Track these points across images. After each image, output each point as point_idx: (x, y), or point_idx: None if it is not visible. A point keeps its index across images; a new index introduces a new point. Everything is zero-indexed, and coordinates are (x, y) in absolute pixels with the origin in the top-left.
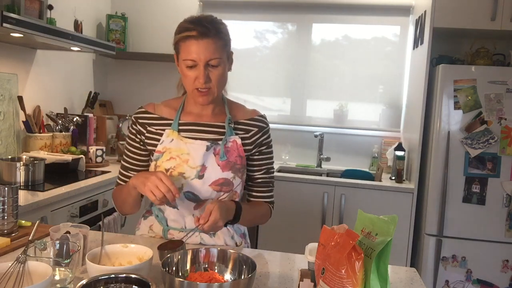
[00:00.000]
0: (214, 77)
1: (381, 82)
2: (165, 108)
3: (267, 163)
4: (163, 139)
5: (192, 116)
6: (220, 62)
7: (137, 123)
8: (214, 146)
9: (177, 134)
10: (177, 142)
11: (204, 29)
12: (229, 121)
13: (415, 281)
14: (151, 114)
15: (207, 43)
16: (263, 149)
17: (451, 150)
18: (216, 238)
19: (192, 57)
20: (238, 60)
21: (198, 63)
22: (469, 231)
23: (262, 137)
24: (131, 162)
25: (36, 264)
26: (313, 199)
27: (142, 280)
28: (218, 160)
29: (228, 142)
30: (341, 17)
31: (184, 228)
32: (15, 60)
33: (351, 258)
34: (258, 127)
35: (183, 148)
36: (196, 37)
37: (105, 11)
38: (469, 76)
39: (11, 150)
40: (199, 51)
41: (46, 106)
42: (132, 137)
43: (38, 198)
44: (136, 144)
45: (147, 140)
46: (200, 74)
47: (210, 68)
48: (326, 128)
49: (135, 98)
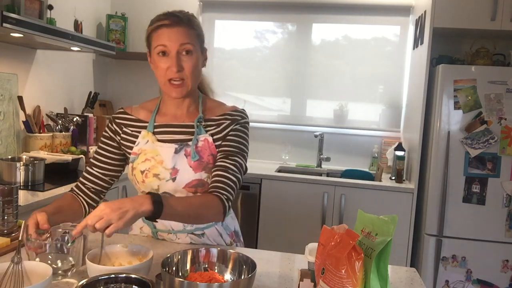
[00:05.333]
0: (188, 66)
1: (381, 82)
2: (141, 110)
3: (229, 150)
4: (139, 141)
5: (167, 117)
6: (193, 50)
7: (113, 123)
8: (185, 148)
9: (152, 135)
10: (152, 144)
11: (176, 18)
12: (198, 120)
13: (415, 281)
14: (128, 115)
15: (178, 31)
16: (228, 136)
17: (451, 150)
18: (205, 238)
19: (162, 42)
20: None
21: (170, 50)
22: (469, 231)
23: (232, 127)
24: (99, 159)
25: (36, 264)
26: (313, 199)
27: (142, 280)
28: (190, 161)
29: (199, 141)
30: (341, 17)
31: (172, 230)
32: (15, 60)
33: (351, 258)
34: (231, 119)
35: (156, 150)
36: (167, 25)
37: (105, 11)
38: (469, 76)
39: (11, 150)
40: (171, 37)
41: (46, 106)
42: (106, 135)
43: (38, 198)
44: (110, 142)
45: (122, 141)
46: (172, 63)
47: (183, 56)
48: (326, 128)
49: (135, 98)
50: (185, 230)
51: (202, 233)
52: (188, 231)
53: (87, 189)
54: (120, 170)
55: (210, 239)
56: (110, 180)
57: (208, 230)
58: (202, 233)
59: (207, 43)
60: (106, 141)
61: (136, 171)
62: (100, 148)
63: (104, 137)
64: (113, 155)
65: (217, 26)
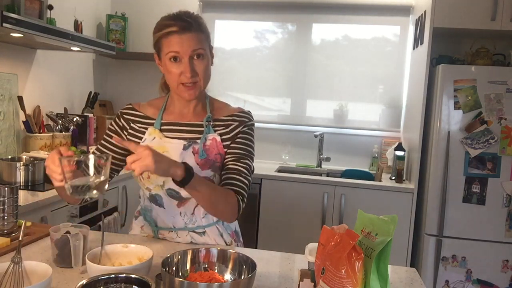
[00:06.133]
0: (200, 70)
1: (381, 82)
2: (149, 107)
3: (239, 153)
4: (146, 137)
5: (174, 115)
6: (204, 53)
7: (121, 118)
8: (193, 145)
9: (159, 132)
10: (159, 141)
11: (185, 23)
12: (207, 119)
13: (415, 281)
14: (136, 111)
15: (190, 37)
16: (238, 138)
17: (451, 150)
18: (206, 237)
19: (175, 49)
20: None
21: (183, 56)
22: (469, 231)
23: (240, 129)
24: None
25: (35, 264)
26: (313, 199)
27: (142, 280)
28: (198, 159)
29: (208, 140)
30: (341, 17)
31: (173, 228)
32: (15, 60)
33: (351, 258)
34: (239, 121)
35: (164, 146)
36: (178, 31)
37: (105, 11)
38: (469, 76)
39: (11, 150)
40: (183, 44)
41: (46, 106)
42: (112, 129)
43: (38, 198)
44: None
45: (129, 137)
46: (186, 68)
47: (195, 61)
48: (326, 128)
49: (135, 98)
50: (186, 228)
51: (203, 231)
52: (189, 229)
53: None
54: (122, 164)
55: (210, 237)
56: (111, 174)
57: (209, 228)
58: (203, 231)
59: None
60: (112, 134)
61: None
62: (105, 141)
63: (110, 131)
64: (118, 149)
65: (217, 26)
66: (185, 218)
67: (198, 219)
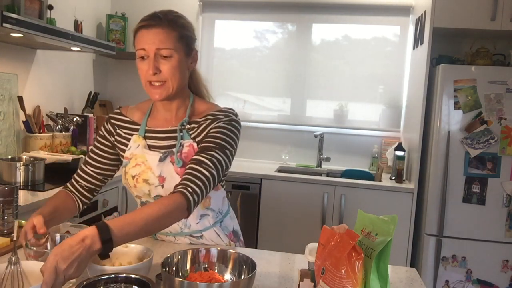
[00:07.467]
0: (165, 69)
1: (381, 82)
2: (136, 111)
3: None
4: (131, 145)
5: (157, 121)
6: (172, 53)
7: (109, 123)
8: (170, 155)
9: (143, 139)
10: (142, 150)
11: (156, 19)
12: (182, 123)
13: (415, 281)
14: (123, 117)
15: (156, 32)
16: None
17: (451, 150)
18: (204, 240)
19: (141, 46)
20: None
21: (149, 53)
22: (469, 231)
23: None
24: (93, 157)
25: (35, 264)
26: (313, 199)
27: (142, 280)
28: (176, 168)
29: (185, 147)
30: (341, 17)
31: (169, 233)
32: (15, 60)
33: (351, 258)
34: (212, 119)
35: (144, 156)
36: (146, 26)
37: (105, 11)
38: (469, 76)
39: (11, 150)
40: (149, 40)
41: (46, 106)
42: (101, 134)
43: (38, 198)
44: (104, 141)
45: (116, 143)
46: (149, 65)
47: (162, 59)
48: (326, 128)
49: (135, 98)
50: (183, 233)
51: (201, 235)
52: (186, 233)
53: (80, 187)
54: (114, 169)
55: (208, 240)
56: (104, 179)
57: (206, 232)
58: (201, 235)
59: (207, 43)
60: (101, 140)
61: (128, 176)
62: (95, 147)
63: (99, 136)
64: (107, 155)
65: (217, 26)
66: (180, 223)
67: (193, 224)
